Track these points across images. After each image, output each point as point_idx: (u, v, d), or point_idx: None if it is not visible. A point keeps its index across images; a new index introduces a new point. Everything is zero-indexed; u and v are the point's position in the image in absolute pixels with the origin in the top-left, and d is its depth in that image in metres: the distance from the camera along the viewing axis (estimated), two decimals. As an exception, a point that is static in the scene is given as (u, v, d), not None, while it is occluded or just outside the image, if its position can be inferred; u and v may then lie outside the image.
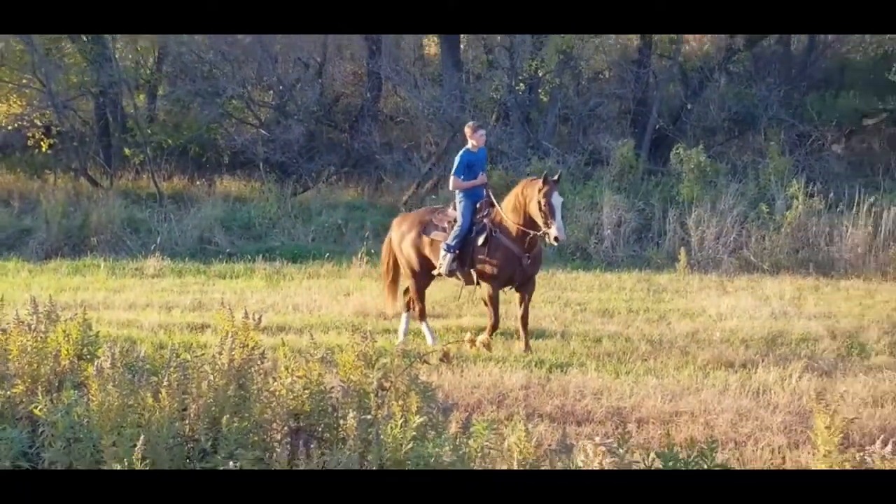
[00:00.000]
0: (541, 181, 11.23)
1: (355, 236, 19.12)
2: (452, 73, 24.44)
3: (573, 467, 4.80)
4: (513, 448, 5.22)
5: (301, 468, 4.93)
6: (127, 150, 24.56)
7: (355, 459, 5.08)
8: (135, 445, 5.05)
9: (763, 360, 11.16)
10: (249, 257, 17.73)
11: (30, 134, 24.69)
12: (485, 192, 12.12)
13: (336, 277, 16.29)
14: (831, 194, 18.39)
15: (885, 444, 4.69)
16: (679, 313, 13.73)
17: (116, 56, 24.97)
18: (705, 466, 5.17)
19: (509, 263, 11.53)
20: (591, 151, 22.76)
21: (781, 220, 17.80)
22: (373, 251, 17.33)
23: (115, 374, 5.63)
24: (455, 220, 11.85)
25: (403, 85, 25.25)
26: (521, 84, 23.44)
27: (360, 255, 16.92)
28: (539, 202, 11.14)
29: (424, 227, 12.22)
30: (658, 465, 5.10)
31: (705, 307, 13.97)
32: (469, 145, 12.06)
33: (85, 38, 24.12)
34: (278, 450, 5.13)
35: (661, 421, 9.29)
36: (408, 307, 12.53)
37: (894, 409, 9.57)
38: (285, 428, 5.42)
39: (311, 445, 5.22)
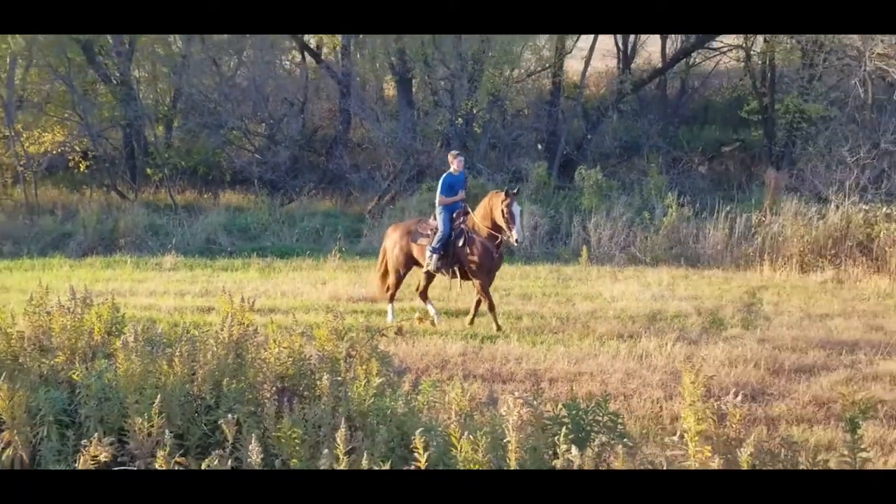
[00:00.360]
0: (503, 194, 11.22)
1: (330, 238, 18.98)
2: (406, 110, 24.39)
3: (499, 417, 4.69)
4: (451, 402, 5.21)
5: (284, 419, 4.85)
6: (149, 170, 24.25)
7: (329, 412, 5.03)
8: (153, 403, 4.99)
9: (645, 332, 11.24)
10: (246, 254, 17.56)
11: (70, 157, 24.42)
12: (462, 204, 12.01)
13: (315, 270, 16.19)
14: (697, 204, 18.52)
15: (735, 395, 4.71)
16: (581, 296, 13.79)
17: (140, 96, 24.80)
18: (601, 415, 5.18)
19: (487, 257, 11.48)
20: (513, 171, 22.79)
21: (660, 224, 17.90)
22: (344, 249, 17.29)
23: (138, 347, 5.56)
24: (436, 229, 11.78)
25: (368, 119, 25.14)
26: (460, 119, 23.41)
27: (333, 253, 16.84)
28: (502, 211, 11.13)
29: (412, 235, 12.10)
30: (564, 412, 5.10)
31: (601, 291, 14.03)
32: (451, 169, 11.92)
33: (114, 81, 23.90)
34: (268, 405, 5.07)
35: (567, 379, 9.34)
36: (422, 295, 12.42)
37: (745, 368, 9.68)
38: (273, 388, 5.36)
39: (294, 401, 5.17)
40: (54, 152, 23.87)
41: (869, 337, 11.25)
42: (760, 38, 26.36)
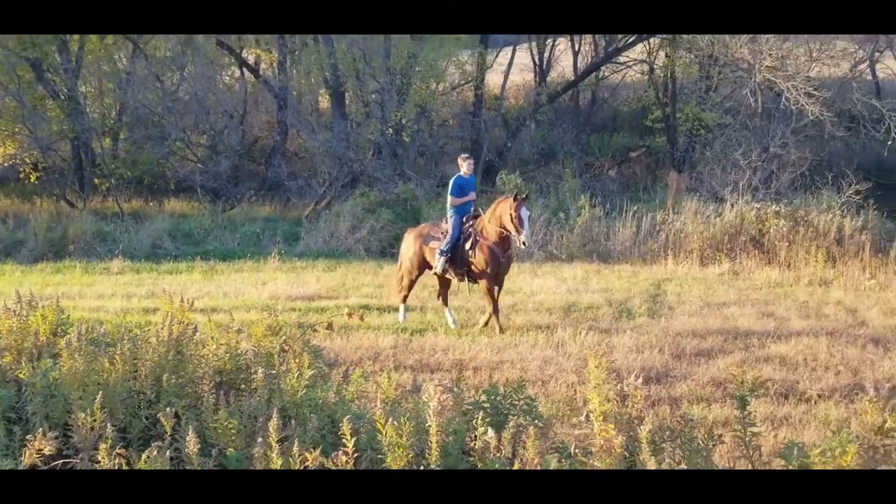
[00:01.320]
0: (512, 199, 10.85)
1: (270, 241, 18.78)
2: (340, 121, 24.24)
3: (422, 403, 4.66)
4: (378, 391, 5.18)
5: (221, 411, 4.77)
6: (97, 180, 23.81)
7: (263, 404, 4.97)
8: (95, 399, 4.88)
9: (561, 323, 11.34)
10: (190, 258, 17.26)
11: (21, 169, 23.94)
12: (472, 208, 11.61)
13: (256, 271, 15.98)
14: (608, 205, 18.75)
15: (636, 377, 4.76)
16: (503, 291, 13.78)
17: (87, 110, 24.32)
18: (517, 399, 5.18)
19: (494, 261, 11.08)
20: (440, 177, 22.83)
21: (574, 224, 18.06)
22: (283, 252, 17.11)
23: (81, 346, 5.42)
24: (447, 232, 11.38)
25: (304, 130, 24.96)
26: (390, 129, 23.36)
27: (273, 255, 16.67)
28: (511, 215, 10.75)
29: (425, 238, 11.69)
30: (483, 398, 5.10)
31: (522, 286, 14.09)
32: (461, 172, 11.51)
33: (62, 96, 23.42)
34: (206, 398, 4.99)
35: (489, 368, 9.37)
36: (443, 301, 11.99)
37: (650, 353, 9.82)
38: (211, 382, 5.27)
39: (231, 394, 5.09)
40: (5, 164, 23.48)
41: (761, 323, 11.50)
42: (663, 52, 26.92)
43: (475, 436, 4.56)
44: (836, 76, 23.50)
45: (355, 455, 4.15)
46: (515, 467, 3.97)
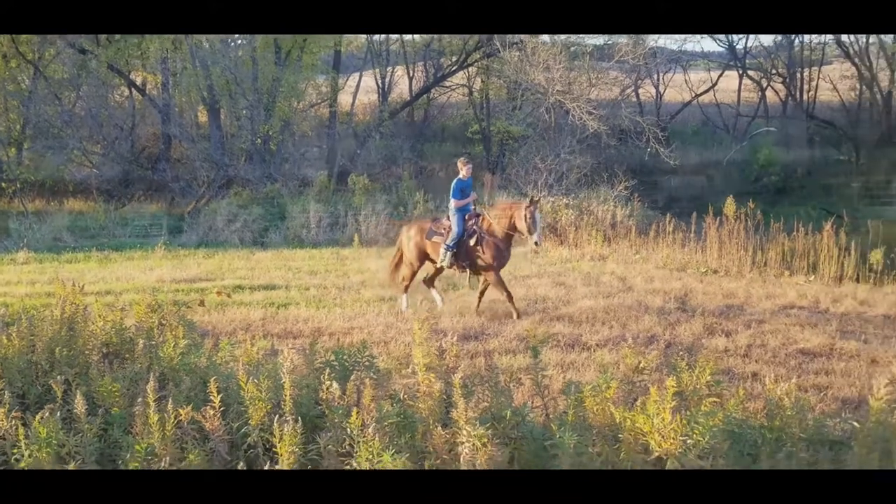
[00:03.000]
0: (528, 201, 10.11)
1: (157, 234, 18.02)
2: (216, 132, 23.39)
3: (278, 364, 4.57)
4: (242, 355, 5.07)
5: (106, 377, 4.54)
6: (3, 184, 22.08)
7: (144, 370, 4.77)
8: (-6, 372, 4.56)
9: (401, 296, 11.37)
10: (87, 249, 16.31)
11: (-66, 176, 21.89)
12: (472, 206, 10.67)
13: (144, 259, 15.23)
14: (437, 200, 18.97)
15: (453, 336, 4.83)
16: (354, 271, 13.78)
17: (-8, 123, 22.61)
18: (360, 357, 5.17)
19: (499, 256, 10.30)
20: (302, 178, 22.50)
21: (411, 215, 18.15)
22: (168, 242, 16.46)
23: (-20, 326, 5.06)
24: (449, 228, 10.46)
25: (185, 140, 23.94)
26: (259, 139, 22.71)
27: (159, 245, 15.99)
28: (525, 217, 9.97)
29: (427, 233, 10.71)
30: (332, 357, 5.07)
31: (370, 266, 14.05)
32: (461, 175, 10.59)
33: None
34: (93, 367, 4.74)
35: (342, 333, 9.30)
36: (428, 283, 11.05)
37: (471, 317, 9.96)
38: (99, 353, 5.02)
39: (115, 363, 4.86)
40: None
41: (555, 290, 11.91)
42: (479, 79, 27.44)
43: (325, 388, 4.53)
44: (609, 98, 24.52)
45: (222, 409, 4.05)
46: (355, 412, 3.96)
